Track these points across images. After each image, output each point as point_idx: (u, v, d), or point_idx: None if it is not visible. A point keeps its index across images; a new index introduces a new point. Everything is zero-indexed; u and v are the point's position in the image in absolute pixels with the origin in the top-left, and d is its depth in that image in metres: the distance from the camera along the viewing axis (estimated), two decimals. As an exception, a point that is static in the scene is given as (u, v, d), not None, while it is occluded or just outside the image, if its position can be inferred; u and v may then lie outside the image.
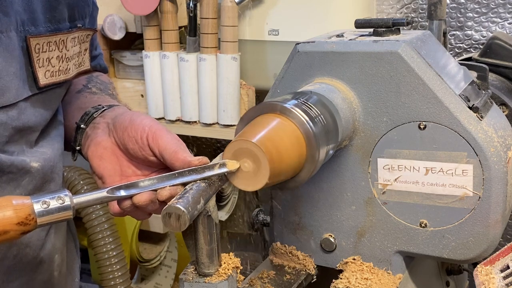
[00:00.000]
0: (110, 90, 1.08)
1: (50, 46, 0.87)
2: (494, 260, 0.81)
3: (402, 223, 0.93)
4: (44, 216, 0.70)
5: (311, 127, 0.78)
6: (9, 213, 0.68)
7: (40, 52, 0.86)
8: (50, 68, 0.88)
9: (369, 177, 0.94)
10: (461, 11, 1.57)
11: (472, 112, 0.88)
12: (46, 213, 0.70)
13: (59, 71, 0.90)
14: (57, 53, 0.89)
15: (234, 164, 0.74)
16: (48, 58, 0.88)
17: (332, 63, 0.93)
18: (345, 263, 0.98)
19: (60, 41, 0.89)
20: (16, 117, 0.86)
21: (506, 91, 1.33)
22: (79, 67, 0.96)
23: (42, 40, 0.86)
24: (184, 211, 0.67)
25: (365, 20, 0.99)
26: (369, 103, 0.92)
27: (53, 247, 0.97)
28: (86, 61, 0.98)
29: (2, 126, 0.84)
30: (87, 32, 0.96)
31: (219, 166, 0.74)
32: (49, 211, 0.70)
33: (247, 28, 1.56)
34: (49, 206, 0.70)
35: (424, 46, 0.93)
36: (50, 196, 0.71)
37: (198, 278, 0.77)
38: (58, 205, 0.71)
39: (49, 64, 0.88)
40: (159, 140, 0.83)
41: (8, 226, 0.68)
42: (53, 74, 0.89)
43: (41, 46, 0.86)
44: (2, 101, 0.83)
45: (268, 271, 1.00)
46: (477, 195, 0.87)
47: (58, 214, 0.71)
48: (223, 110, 1.56)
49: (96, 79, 1.09)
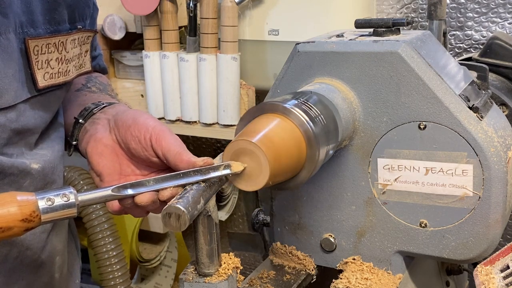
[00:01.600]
0: (109, 91, 1.07)
1: (49, 48, 0.86)
2: (494, 260, 0.81)
3: (402, 223, 0.93)
4: (48, 213, 0.69)
5: (311, 127, 0.78)
6: (14, 210, 0.67)
7: (39, 54, 0.85)
8: (49, 70, 0.87)
9: (369, 177, 0.94)
10: (461, 11, 1.57)
11: (472, 112, 0.88)
12: (51, 210, 0.69)
13: (58, 73, 0.89)
14: (56, 55, 0.88)
15: (238, 166, 0.74)
16: (47, 60, 0.87)
17: (332, 63, 0.93)
18: (345, 263, 0.98)
19: (59, 43, 0.88)
20: (15, 119, 0.85)
21: (506, 91, 1.33)
22: (80, 68, 0.95)
23: (41, 42, 0.85)
24: (184, 211, 0.67)
25: (365, 20, 0.99)
26: (369, 103, 0.92)
27: (53, 249, 0.97)
28: (87, 62, 0.97)
29: (1, 128, 0.83)
30: (87, 34, 0.95)
31: (224, 167, 0.74)
32: (53, 208, 0.70)
33: (247, 28, 1.56)
34: (53, 203, 0.69)
35: (424, 46, 0.93)
36: (55, 193, 0.70)
37: (198, 278, 0.77)
38: (62, 202, 0.70)
39: (48, 66, 0.87)
40: (163, 141, 0.83)
41: (12, 222, 0.67)
42: (52, 76, 0.88)
43: (40, 48, 0.85)
44: (0, 103, 0.82)
45: (268, 271, 1.00)
46: (477, 195, 0.87)
47: (62, 211, 0.70)
48: (223, 110, 1.56)
49: (95, 79, 1.09)
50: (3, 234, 0.68)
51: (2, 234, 0.67)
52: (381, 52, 0.89)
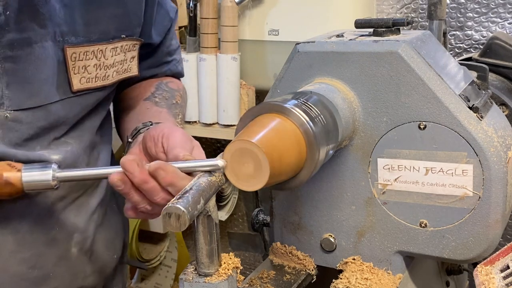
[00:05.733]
0: (176, 98, 1.13)
1: (87, 55, 0.94)
2: (494, 260, 0.81)
3: (402, 223, 0.93)
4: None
5: (311, 127, 0.78)
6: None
7: (76, 61, 0.93)
8: (86, 75, 0.95)
9: (369, 177, 0.94)
10: (461, 11, 1.57)
11: (472, 112, 0.88)
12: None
13: (96, 77, 0.96)
14: (94, 62, 0.95)
15: (222, 162, 0.75)
16: (85, 66, 0.94)
17: (332, 63, 0.93)
18: (345, 263, 0.98)
19: (98, 50, 0.95)
20: (43, 118, 0.92)
21: (506, 91, 1.33)
22: (123, 73, 1.02)
23: (79, 50, 0.93)
24: (184, 211, 0.67)
25: (365, 20, 0.99)
26: (369, 103, 0.92)
27: (71, 225, 1.01)
28: (133, 68, 1.04)
29: (27, 125, 0.91)
30: (132, 42, 1.01)
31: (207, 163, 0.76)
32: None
33: (247, 28, 1.56)
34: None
35: (424, 46, 0.93)
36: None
37: (198, 278, 0.77)
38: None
39: (85, 71, 0.94)
40: (170, 138, 0.87)
41: None
42: (89, 80, 0.95)
43: (77, 55, 0.93)
44: (28, 103, 0.90)
45: (268, 271, 1.00)
46: (477, 195, 0.87)
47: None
48: (223, 110, 1.56)
49: (165, 86, 1.15)
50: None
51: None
52: (381, 52, 0.89)
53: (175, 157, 0.83)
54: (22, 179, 0.83)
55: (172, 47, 1.18)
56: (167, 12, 1.13)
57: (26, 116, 0.90)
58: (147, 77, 1.15)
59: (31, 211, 0.95)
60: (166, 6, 1.13)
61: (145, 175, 0.81)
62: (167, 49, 1.16)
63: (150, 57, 1.13)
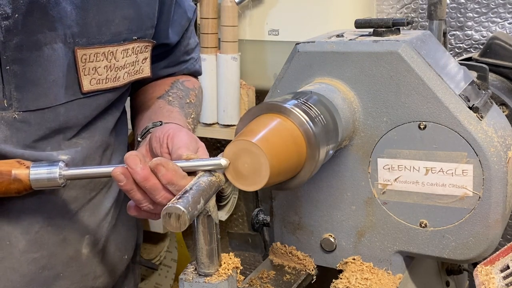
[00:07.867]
0: (190, 97, 1.13)
1: (98, 56, 0.93)
2: (494, 260, 0.81)
3: (402, 223, 0.93)
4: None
5: (311, 127, 0.78)
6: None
7: (87, 62, 0.93)
8: (97, 76, 0.95)
9: (369, 177, 0.94)
10: (461, 11, 1.57)
11: (472, 112, 0.88)
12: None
13: (106, 79, 0.96)
14: (105, 63, 0.94)
15: (224, 161, 0.75)
16: (95, 67, 0.94)
17: (332, 63, 0.93)
18: (345, 263, 0.98)
19: (108, 52, 0.94)
20: (52, 119, 0.92)
21: (506, 91, 1.33)
22: (135, 75, 1.01)
23: (90, 51, 0.92)
24: (184, 211, 0.67)
25: (365, 20, 0.99)
26: (369, 103, 0.92)
27: (82, 227, 1.02)
28: (145, 69, 1.03)
29: (36, 126, 0.91)
30: (144, 44, 1.01)
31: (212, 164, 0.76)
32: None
33: (247, 28, 1.56)
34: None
35: (424, 46, 0.93)
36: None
37: (198, 278, 0.77)
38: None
39: (96, 72, 0.94)
40: (175, 138, 0.87)
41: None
42: (99, 81, 0.95)
43: (87, 57, 0.93)
44: (37, 104, 0.90)
45: (268, 271, 1.00)
46: (477, 195, 0.87)
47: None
48: (223, 110, 1.56)
49: (181, 85, 1.14)
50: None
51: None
52: (381, 52, 0.89)
53: (179, 157, 0.83)
54: (30, 176, 0.85)
55: (190, 46, 1.17)
56: (185, 11, 1.12)
57: (35, 118, 0.91)
58: (164, 76, 1.14)
59: (42, 211, 0.95)
60: (184, 5, 1.12)
61: (146, 171, 0.81)
62: (184, 48, 1.16)
63: (168, 57, 1.13)
